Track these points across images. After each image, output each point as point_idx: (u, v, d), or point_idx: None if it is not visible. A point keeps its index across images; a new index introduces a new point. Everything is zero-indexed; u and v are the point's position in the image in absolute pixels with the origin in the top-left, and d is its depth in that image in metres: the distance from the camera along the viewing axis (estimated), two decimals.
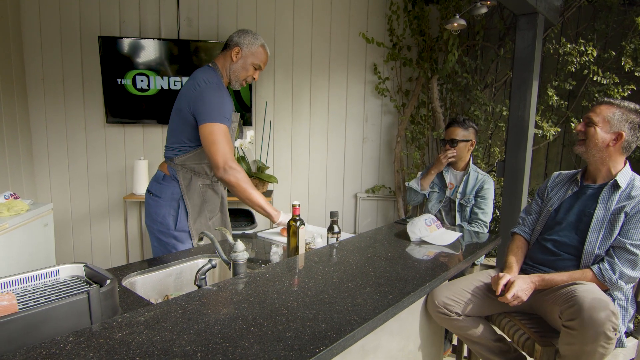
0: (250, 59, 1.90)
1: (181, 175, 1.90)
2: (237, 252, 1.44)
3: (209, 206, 1.97)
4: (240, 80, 1.92)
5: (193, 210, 1.91)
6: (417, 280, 1.38)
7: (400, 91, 3.88)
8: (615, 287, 1.57)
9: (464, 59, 3.27)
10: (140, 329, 1.02)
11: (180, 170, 1.90)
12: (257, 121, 3.88)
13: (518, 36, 2.87)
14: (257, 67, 1.94)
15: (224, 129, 1.76)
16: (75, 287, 1.25)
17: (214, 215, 2.02)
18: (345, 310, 1.14)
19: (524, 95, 2.88)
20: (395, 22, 3.67)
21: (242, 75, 1.92)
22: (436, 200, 2.56)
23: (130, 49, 3.56)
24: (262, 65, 1.94)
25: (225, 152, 1.74)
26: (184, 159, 1.90)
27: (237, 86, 1.94)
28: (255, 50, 1.91)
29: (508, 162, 3.01)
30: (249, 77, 1.94)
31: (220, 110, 1.76)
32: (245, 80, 1.94)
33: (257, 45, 1.91)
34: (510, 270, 1.76)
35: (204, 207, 1.95)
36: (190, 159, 1.91)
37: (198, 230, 1.93)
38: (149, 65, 3.60)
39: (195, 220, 1.93)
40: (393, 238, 1.85)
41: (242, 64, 1.90)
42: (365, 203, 4.12)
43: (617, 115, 1.65)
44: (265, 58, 1.95)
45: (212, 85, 1.79)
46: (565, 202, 1.79)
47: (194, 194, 1.91)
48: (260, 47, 1.92)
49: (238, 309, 1.13)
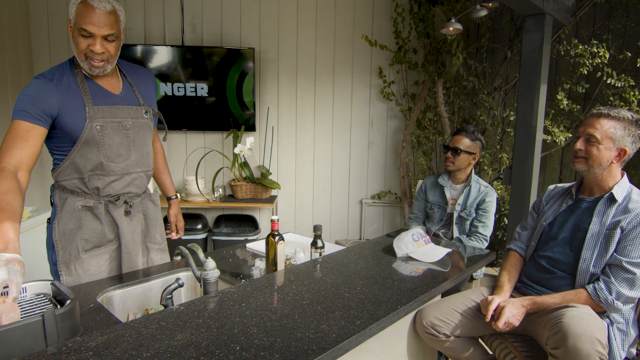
0: (75, 25, 1.39)
1: (57, 194, 1.55)
2: (207, 270, 1.40)
3: (84, 234, 1.55)
4: (81, 58, 1.43)
5: (61, 237, 1.53)
6: (392, 303, 1.31)
7: (406, 95, 3.79)
8: (612, 309, 1.46)
9: (469, 61, 3.16)
10: (88, 356, 0.99)
11: (56, 187, 1.57)
12: (260, 126, 3.85)
13: (525, 38, 2.74)
14: (84, 33, 1.38)
15: (15, 124, 1.36)
16: (39, 306, 1.24)
17: (91, 247, 1.58)
18: (306, 338, 1.09)
19: (532, 99, 2.76)
20: (401, 24, 3.58)
21: (77, 51, 1.42)
22: (438, 219, 2.46)
23: (134, 55, 3.59)
24: (85, 26, 1.37)
25: (0, 151, 1.34)
26: (56, 173, 1.53)
27: (86, 67, 1.45)
28: (75, 10, 1.38)
29: (515, 169, 2.89)
30: (87, 50, 1.40)
31: (16, 104, 1.39)
32: (86, 55, 1.42)
33: (76, 5, 1.38)
34: (501, 291, 1.67)
35: (76, 234, 1.54)
36: (61, 172, 1.52)
37: (66, 263, 1.55)
38: (153, 72, 3.62)
39: (61, 251, 1.54)
40: (379, 253, 1.78)
41: (72, 36, 1.42)
42: (371, 209, 4.04)
43: (619, 130, 1.53)
44: (87, 14, 1.36)
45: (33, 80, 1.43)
46: (559, 217, 1.69)
47: (66, 216, 1.53)
48: (80, 3, 1.38)
49: (194, 334, 1.09)
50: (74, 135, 1.44)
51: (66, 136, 1.45)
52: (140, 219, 1.67)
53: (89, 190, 1.54)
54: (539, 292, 1.65)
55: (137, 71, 1.67)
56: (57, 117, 1.41)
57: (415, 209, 2.60)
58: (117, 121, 1.52)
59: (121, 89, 1.58)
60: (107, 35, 1.40)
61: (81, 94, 1.46)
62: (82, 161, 1.48)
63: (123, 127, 1.54)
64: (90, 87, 1.49)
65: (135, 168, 1.60)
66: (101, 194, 1.55)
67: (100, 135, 1.48)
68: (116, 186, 1.56)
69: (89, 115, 1.46)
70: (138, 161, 1.60)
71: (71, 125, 1.43)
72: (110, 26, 1.40)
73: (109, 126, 1.50)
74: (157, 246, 1.76)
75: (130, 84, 1.61)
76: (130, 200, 1.62)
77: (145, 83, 1.66)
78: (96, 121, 1.47)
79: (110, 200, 1.58)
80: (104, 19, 1.38)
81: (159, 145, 1.89)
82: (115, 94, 1.55)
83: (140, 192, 1.67)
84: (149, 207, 1.71)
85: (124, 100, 1.55)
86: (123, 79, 1.61)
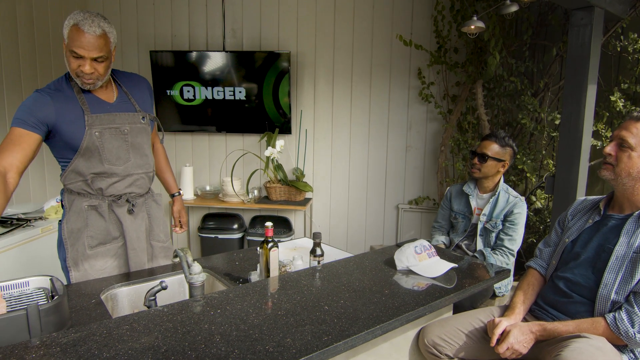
0: (67, 46, 1.47)
1: (66, 196, 1.66)
2: (193, 274, 1.42)
3: (90, 231, 1.64)
4: (73, 75, 1.52)
5: (70, 236, 1.63)
6: (370, 320, 1.24)
7: (446, 96, 3.61)
8: (634, 343, 1.28)
9: (510, 61, 2.92)
10: (55, 352, 1.04)
11: (65, 191, 1.67)
12: (295, 129, 3.87)
13: (571, 33, 2.49)
14: (74, 55, 1.46)
15: (11, 131, 1.46)
16: (35, 300, 1.34)
17: (97, 244, 1.67)
18: (264, 351, 1.06)
19: (578, 100, 2.50)
20: (441, 22, 3.42)
21: (69, 68, 1.52)
22: (461, 230, 2.31)
23: (178, 61, 3.77)
24: (76, 49, 1.44)
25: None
26: (63, 178, 1.63)
27: (80, 83, 1.53)
28: (67, 33, 1.45)
29: (558, 177, 2.63)
30: (78, 70, 1.49)
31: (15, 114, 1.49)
32: (77, 74, 1.50)
33: (68, 28, 1.45)
34: (512, 313, 1.52)
35: (83, 232, 1.63)
36: (67, 177, 1.62)
37: (74, 260, 1.64)
38: (195, 76, 3.78)
39: (70, 249, 1.64)
40: (380, 265, 1.70)
41: (65, 54, 1.50)
42: (407, 215, 3.90)
43: None
44: (77, 38, 1.43)
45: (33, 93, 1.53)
46: (583, 234, 1.51)
47: (74, 216, 1.63)
48: (72, 27, 1.44)
49: (158, 339, 1.11)
50: (74, 143, 1.55)
51: (67, 145, 1.56)
52: (144, 217, 1.75)
53: (93, 191, 1.62)
54: (554, 317, 1.49)
55: (131, 79, 1.75)
56: (54, 126, 1.52)
57: (440, 217, 2.47)
58: (114, 127, 1.60)
59: (116, 98, 1.66)
60: (96, 57, 1.48)
61: (79, 104, 1.55)
62: (84, 166, 1.58)
63: (121, 132, 1.62)
64: (87, 98, 1.58)
65: (136, 170, 1.67)
66: (105, 194, 1.64)
67: (99, 141, 1.57)
68: (118, 187, 1.64)
69: (88, 123, 1.55)
70: (138, 163, 1.68)
71: (70, 133, 1.54)
72: (99, 49, 1.47)
73: (107, 132, 1.59)
74: (160, 244, 1.83)
75: (126, 92, 1.69)
76: (133, 199, 1.70)
77: (140, 90, 1.74)
78: (95, 128, 1.56)
79: (114, 200, 1.66)
80: (93, 42, 1.45)
81: (159, 146, 1.98)
82: (110, 102, 1.63)
83: (143, 192, 1.75)
84: (152, 207, 1.79)
85: (119, 108, 1.64)
86: (118, 87, 1.69)
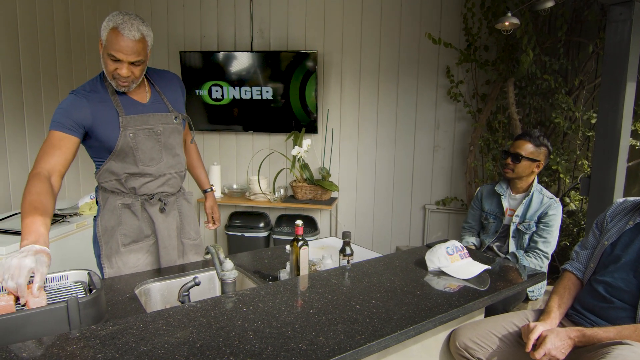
0: (105, 49, 1.48)
1: (100, 194, 1.70)
2: (225, 271, 1.44)
3: (123, 229, 1.68)
4: (109, 77, 1.53)
5: (104, 233, 1.68)
6: (403, 320, 1.23)
7: (476, 95, 3.54)
8: None
9: (543, 58, 2.84)
10: (94, 344, 1.07)
11: (99, 188, 1.72)
12: (322, 128, 3.87)
13: (609, 29, 2.40)
14: (112, 58, 1.47)
15: (50, 134, 1.50)
16: (74, 293, 1.38)
17: (130, 242, 1.71)
18: (297, 349, 1.06)
19: (616, 98, 2.41)
20: (471, 20, 3.36)
21: (105, 70, 1.53)
22: (492, 231, 2.26)
23: (206, 62, 3.83)
24: (114, 53, 1.45)
25: (37, 158, 1.48)
26: (97, 176, 1.67)
27: (115, 85, 1.54)
28: (106, 36, 1.46)
29: (594, 178, 2.54)
30: (114, 72, 1.50)
31: (53, 117, 1.53)
32: (113, 76, 1.52)
33: (107, 30, 1.46)
34: (547, 318, 1.48)
35: (117, 230, 1.68)
36: (101, 175, 1.66)
37: (108, 256, 1.69)
38: (223, 76, 3.83)
39: (104, 246, 1.69)
40: (410, 265, 1.68)
41: (102, 55, 1.51)
42: (434, 215, 3.85)
43: None
44: (117, 42, 1.44)
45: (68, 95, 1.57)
46: (624, 236, 1.45)
47: (108, 213, 1.68)
48: (111, 30, 1.45)
49: (194, 334, 1.12)
50: (109, 144, 1.57)
51: (102, 146, 1.59)
52: (175, 216, 1.77)
53: (126, 190, 1.66)
54: (593, 323, 1.44)
55: (163, 77, 1.76)
56: (90, 128, 1.55)
57: (470, 218, 2.42)
58: (148, 128, 1.62)
59: (149, 98, 1.67)
60: (134, 61, 1.50)
61: (114, 106, 1.58)
62: (118, 166, 1.62)
63: (154, 132, 1.64)
64: (121, 99, 1.60)
65: (169, 170, 1.70)
66: (137, 193, 1.67)
67: (133, 142, 1.59)
68: (151, 186, 1.67)
69: (122, 124, 1.57)
70: (170, 163, 1.70)
71: (105, 134, 1.56)
72: (137, 53, 1.48)
73: (141, 133, 1.61)
74: (191, 242, 1.86)
75: (159, 92, 1.71)
76: (164, 198, 1.72)
77: (173, 89, 1.75)
78: (129, 129, 1.58)
79: (146, 199, 1.69)
80: (132, 46, 1.46)
81: (192, 144, 1.99)
82: (143, 103, 1.65)
83: (175, 192, 1.77)
84: (184, 205, 1.82)
85: (152, 109, 1.66)
86: (151, 87, 1.71)
